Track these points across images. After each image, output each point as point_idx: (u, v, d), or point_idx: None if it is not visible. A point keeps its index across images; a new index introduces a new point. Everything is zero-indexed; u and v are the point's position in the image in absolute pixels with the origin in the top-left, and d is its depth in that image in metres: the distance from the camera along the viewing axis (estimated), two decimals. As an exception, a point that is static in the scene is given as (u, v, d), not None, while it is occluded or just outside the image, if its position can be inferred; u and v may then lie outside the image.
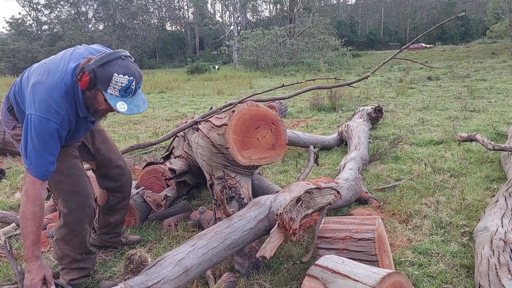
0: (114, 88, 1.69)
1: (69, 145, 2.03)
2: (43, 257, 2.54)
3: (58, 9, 58.00)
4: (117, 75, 1.67)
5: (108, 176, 2.32)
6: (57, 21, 57.85)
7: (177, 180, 3.34)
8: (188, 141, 3.44)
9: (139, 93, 1.79)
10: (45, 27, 58.96)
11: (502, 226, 2.26)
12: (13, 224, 3.06)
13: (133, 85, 1.71)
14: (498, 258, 1.93)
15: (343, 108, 8.24)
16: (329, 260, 1.66)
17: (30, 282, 1.68)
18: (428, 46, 43.03)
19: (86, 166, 2.51)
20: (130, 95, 1.73)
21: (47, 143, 1.70)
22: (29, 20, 58.71)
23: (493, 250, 2.01)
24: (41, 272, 1.70)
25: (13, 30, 57.65)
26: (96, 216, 2.46)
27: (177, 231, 2.85)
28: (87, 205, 2.02)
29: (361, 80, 3.69)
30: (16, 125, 1.93)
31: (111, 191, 2.38)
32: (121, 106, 1.70)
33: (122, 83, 1.68)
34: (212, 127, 2.52)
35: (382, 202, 3.19)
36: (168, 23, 73.69)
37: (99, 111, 1.85)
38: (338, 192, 2.32)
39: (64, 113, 1.73)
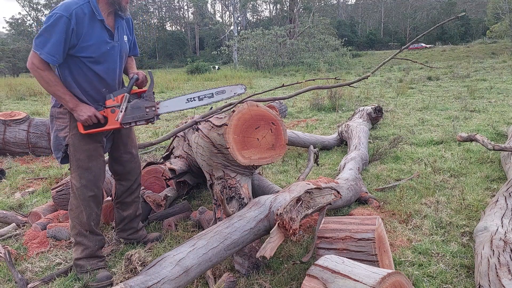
0: None
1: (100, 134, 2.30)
2: (43, 257, 2.55)
3: (58, 9, 57.97)
4: None
5: (118, 159, 2.54)
6: (57, 21, 57.84)
7: (177, 180, 3.34)
8: (188, 141, 3.44)
9: None
10: (45, 27, 58.89)
11: (502, 226, 2.26)
12: (13, 224, 3.06)
13: None
14: (498, 258, 1.93)
15: (343, 108, 8.24)
16: (329, 260, 1.66)
17: (85, 118, 2.12)
18: (428, 46, 43.04)
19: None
20: None
21: (54, 31, 2.01)
22: (29, 20, 58.88)
23: (493, 250, 2.01)
24: (92, 109, 2.13)
25: (13, 30, 57.74)
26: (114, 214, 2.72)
27: (177, 231, 2.85)
28: (96, 185, 2.29)
29: (361, 80, 3.68)
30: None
31: (118, 178, 2.59)
32: None
33: None
34: (212, 127, 2.52)
35: (382, 202, 3.19)
36: (168, 23, 73.71)
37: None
38: (338, 192, 2.33)
39: (74, 8, 2.03)
